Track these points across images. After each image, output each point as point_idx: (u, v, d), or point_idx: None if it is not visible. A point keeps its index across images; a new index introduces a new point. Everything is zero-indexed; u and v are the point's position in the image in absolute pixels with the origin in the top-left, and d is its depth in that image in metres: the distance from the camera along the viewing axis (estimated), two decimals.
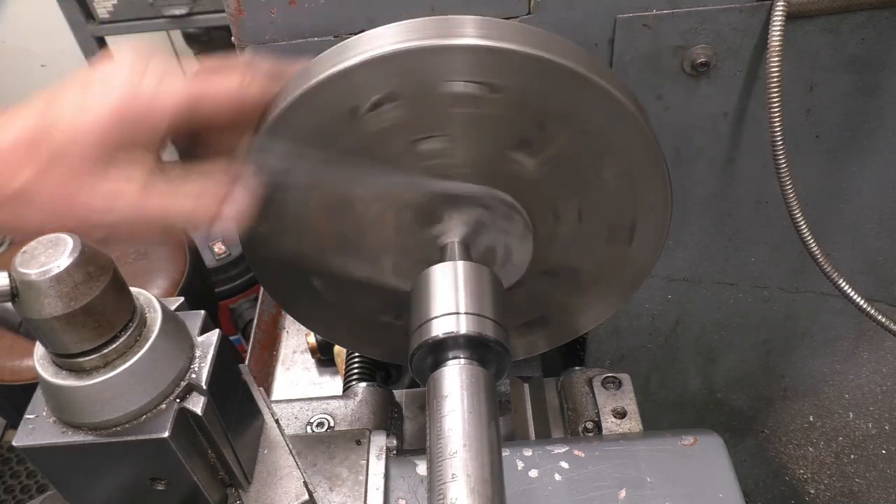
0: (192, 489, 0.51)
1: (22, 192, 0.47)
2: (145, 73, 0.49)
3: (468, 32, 0.52)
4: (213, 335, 0.53)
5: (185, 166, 0.53)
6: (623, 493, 0.61)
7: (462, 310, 0.54)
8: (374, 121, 0.55)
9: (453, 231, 0.60)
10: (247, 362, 0.97)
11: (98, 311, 0.48)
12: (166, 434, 0.47)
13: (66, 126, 0.48)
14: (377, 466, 0.62)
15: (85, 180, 0.48)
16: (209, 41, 2.22)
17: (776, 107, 0.67)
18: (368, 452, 0.64)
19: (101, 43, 2.10)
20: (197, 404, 0.48)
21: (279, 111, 0.54)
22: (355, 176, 0.58)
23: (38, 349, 0.52)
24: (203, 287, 1.43)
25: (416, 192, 0.59)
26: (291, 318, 0.89)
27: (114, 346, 0.50)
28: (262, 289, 1.02)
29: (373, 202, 0.60)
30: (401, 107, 0.54)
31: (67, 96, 0.49)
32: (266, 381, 0.99)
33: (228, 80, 0.52)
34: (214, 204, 0.51)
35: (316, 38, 0.66)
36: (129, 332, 0.51)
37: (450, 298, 0.54)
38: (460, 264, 0.57)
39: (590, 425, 0.72)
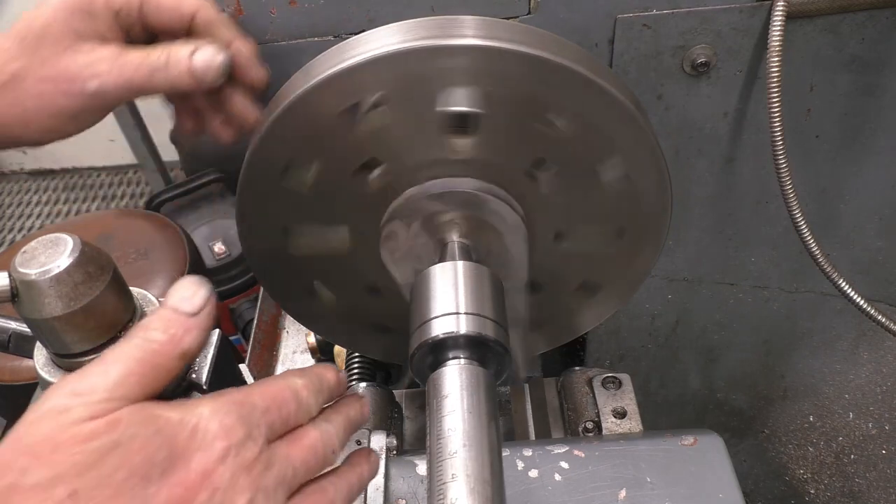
0: None
1: (17, 74, 0.56)
2: None
3: (468, 32, 0.52)
4: (213, 335, 0.53)
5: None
6: (623, 493, 0.61)
7: (462, 310, 0.54)
8: (375, 119, 0.55)
9: (453, 231, 0.60)
10: (247, 362, 0.97)
11: (98, 311, 0.48)
12: None
13: (38, 16, 0.57)
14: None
15: (64, 55, 0.56)
16: None
17: (776, 107, 0.67)
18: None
19: None
20: None
21: (280, 110, 0.54)
22: (354, 174, 0.58)
23: (39, 350, 0.52)
24: None
25: (417, 192, 0.59)
26: (291, 318, 0.89)
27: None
28: (262, 289, 1.02)
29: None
30: (400, 106, 0.54)
31: (38, 3, 0.58)
32: None
33: None
34: (186, 51, 0.56)
35: (316, 38, 0.66)
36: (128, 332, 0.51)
37: (450, 298, 0.54)
38: (460, 264, 0.57)
39: (590, 425, 0.72)
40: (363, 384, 0.77)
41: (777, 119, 0.68)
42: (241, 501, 0.41)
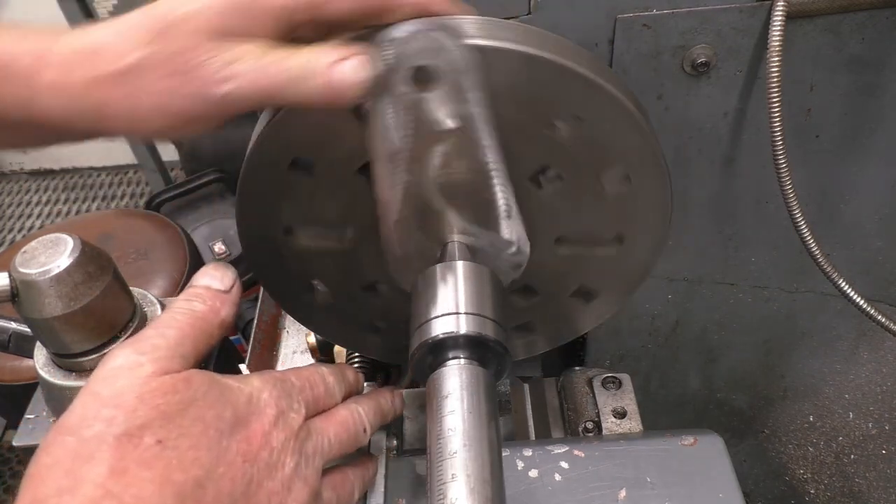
0: None
1: (140, 64, 0.46)
2: None
3: (468, 32, 0.52)
4: None
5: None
6: (623, 493, 0.61)
7: (462, 310, 0.54)
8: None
9: (453, 231, 0.60)
10: (247, 362, 0.97)
11: (98, 311, 0.48)
12: None
13: (181, 4, 0.47)
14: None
15: (199, 50, 0.46)
16: None
17: (776, 107, 0.67)
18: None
19: None
20: None
21: (272, 123, 0.54)
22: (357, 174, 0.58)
23: (39, 350, 0.52)
24: None
25: (417, 191, 0.59)
26: (291, 318, 0.89)
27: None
28: (262, 289, 1.02)
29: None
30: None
31: None
32: None
33: None
34: (325, 65, 0.47)
35: None
36: (129, 332, 0.51)
37: (450, 298, 0.54)
38: (460, 264, 0.57)
39: (590, 425, 0.72)
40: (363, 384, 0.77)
41: (777, 119, 0.68)
42: (291, 463, 0.45)
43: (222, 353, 0.54)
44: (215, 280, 0.49)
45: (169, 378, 0.41)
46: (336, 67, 0.47)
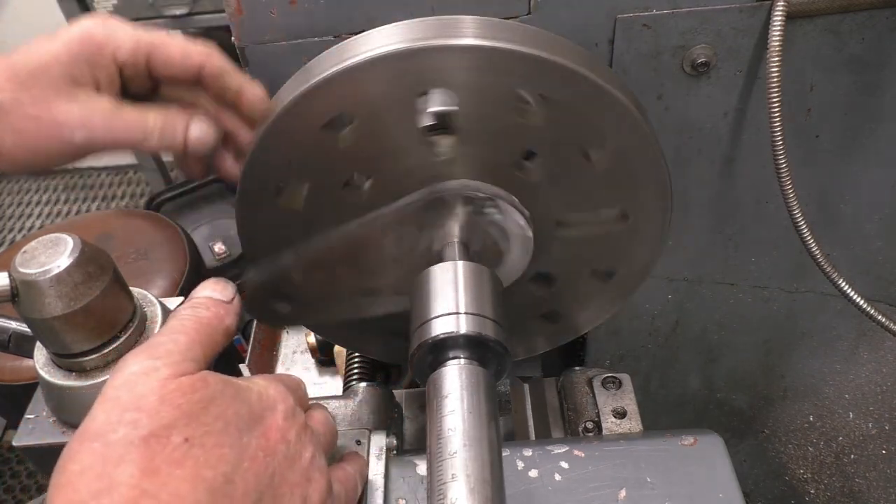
0: None
1: (1, 106, 0.53)
2: (106, 22, 0.57)
3: (468, 32, 0.52)
4: None
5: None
6: (623, 493, 0.61)
7: (462, 310, 0.54)
8: (353, 131, 0.55)
9: (453, 231, 0.60)
10: (247, 362, 0.97)
11: (98, 311, 0.48)
12: None
13: (37, 52, 0.55)
14: (377, 466, 0.62)
15: (58, 99, 0.54)
16: (209, 41, 2.22)
17: (776, 107, 0.67)
18: (368, 452, 0.63)
19: None
20: None
21: (281, 109, 0.54)
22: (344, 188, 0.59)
23: (39, 350, 0.52)
24: None
25: (417, 191, 0.59)
26: None
27: (114, 345, 0.50)
28: None
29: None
30: (376, 116, 0.54)
31: (39, 39, 0.56)
32: None
33: (178, 43, 0.58)
34: (182, 123, 0.57)
35: (316, 38, 0.66)
36: (129, 332, 0.51)
37: (450, 298, 0.54)
38: (460, 264, 0.57)
39: (590, 425, 0.72)
40: (363, 384, 0.77)
41: (777, 119, 0.68)
42: (308, 454, 0.47)
43: (222, 354, 0.54)
44: (216, 292, 0.50)
45: (186, 379, 0.42)
46: (191, 129, 0.57)
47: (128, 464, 0.38)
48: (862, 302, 0.79)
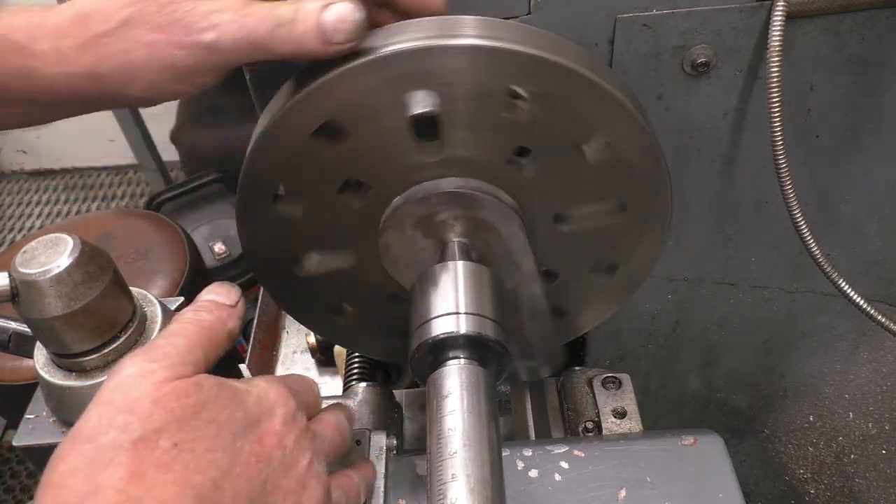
0: None
1: (129, 20, 0.49)
2: None
3: (468, 32, 0.52)
4: None
5: None
6: (623, 493, 0.61)
7: (462, 310, 0.54)
8: (345, 136, 0.55)
9: (451, 231, 0.60)
10: (247, 362, 0.97)
11: (98, 311, 0.48)
12: None
13: None
14: (377, 466, 0.62)
15: (183, 3, 0.49)
16: None
17: (776, 107, 0.67)
18: (368, 452, 0.64)
19: None
20: None
21: (273, 119, 0.54)
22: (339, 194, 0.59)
23: (39, 350, 0.52)
24: (203, 287, 1.42)
25: (403, 200, 0.59)
26: (291, 318, 0.89)
27: (114, 345, 0.50)
28: (262, 289, 1.02)
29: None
30: (364, 120, 0.54)
31: None
32: None
33: None
34: (314, 11, 0.49)
35: None
36: (129, 332, 0.51)
37: (450, 298, 0.54)
38: (460, 264, 0.57)
39: (590, 425, 0.72)
40: (363, 384, 0.77)
41: (777, 119, 0.68)
42: (304, 461, 0.46)
43: (223, 355, 0.54)
44: (220, 296, 0.50)
45: (181, 382, 0.42)
46: (326, 10, 0.48)
47: (116, 467, 0.38)
48: (862, 302, 0.79)
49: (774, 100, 0.67)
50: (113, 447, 0.39)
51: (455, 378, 0.52)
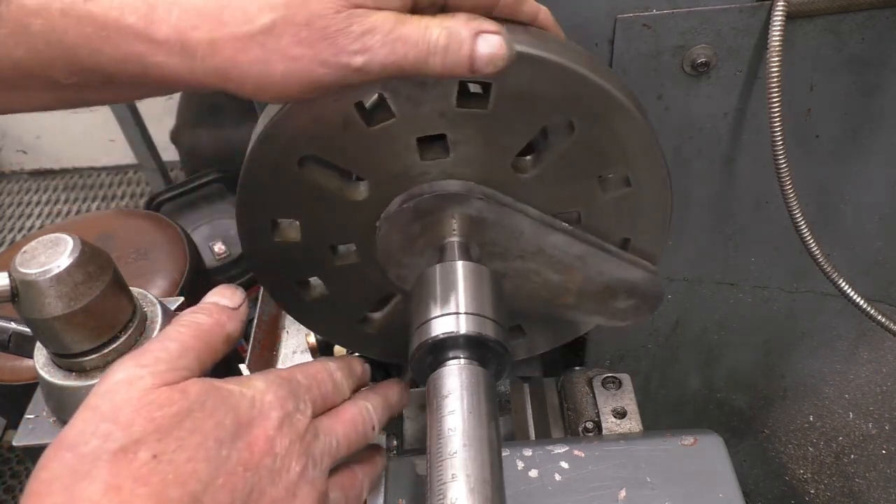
0: None
1: (273, 27, 0.44)
2: None
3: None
4: None
5: None
6: (623, 493, 0.61)
7: (462, 310, 0.54)
8: (349, 135, 0.55)
9: (453, 231, 0.60)
10: (247, 362, 0.97)
11: (98, 311, 0.48)
12: None
13: None
14: None
15: (335, 18, 0.45)
16: None
17: (776, 107, 0.67)
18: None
19: None
20: None
21: (273, 119, 0.54)
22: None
23: (39, 350, 0.52)
24: (203, 287, 1.42)
25: (403, 198, 0.59)
26: (291, 318, 0.89)
27: (114, 345, 0.50)
28: (261, 289, 1.02)
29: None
30: (401, 106, 0.54)
31: None
32: None
33: None
34: (469, 34, 0.47)
35: None
36: (129, 332, 0.51)
37: (450, 298, 0.54)
38: (460, 264, 0.57)
39: (590, 425, 0.72)
40: None
41: (777, 119, 0.68)
42: (297, 468, 0.44)
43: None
44: (224, 298, 0.49)
45: (167, 390, 0.41)
46: (480, 39, 0.46)
47: (93, 479, 0.37)
48: (862, 302, 0.79)
49: (774, 100, 0.67)
50: (93, 457, 0.38)
51: (455, 378, 0.51)
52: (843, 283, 0.78)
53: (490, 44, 0.47)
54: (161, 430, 0.40)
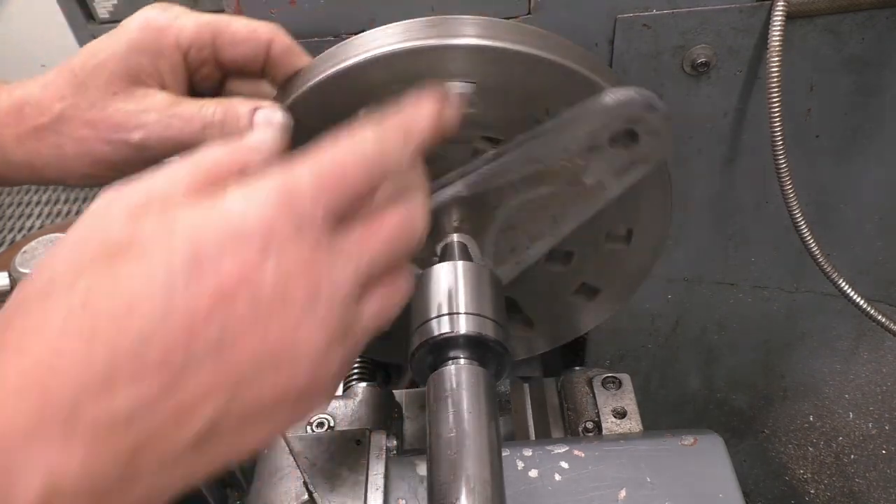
0: (191, 489, 0.51)
1: (62, 115, 0.51)
2: (166, 7, 0.54)
3: (468, 32, 0.52)
4: None
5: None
6: (623, 493, 0.61)
7: (462, 310, 0.54)
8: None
9: (453, 231, 0.60)
10: None
11: None
12: None
13: (97, 51, 0.52)
14: (377, 466, 0.62)
15: (114, 99, 0.51)
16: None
17: (776, 107, 0.67)
18: (368, 452, 0.63)
19: None
20: None
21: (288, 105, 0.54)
22: None
23: None
24: None
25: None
26: None
27: None
28: None
29: None
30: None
31: (101, 37, 0.54)
32: None
33: (243, 21, 0.55)
34: (246, 109, 0.51)
35: (316, 38, 0.66)
36: None
37: (450, 298, 0.54)
38: (460, 264, 0.57)
39: (590, 425, 0.72)
40: (363, 384, 0.77)
41: (777, 119, 0.68)
42: (299, 294, 0.34)
43: None
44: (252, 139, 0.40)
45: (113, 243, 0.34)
46: (258, 115, 0.52)
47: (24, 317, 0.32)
48: (862, 302, 0.79)
49: (774, 100, 0.67)
50: (27, 299, 0.33)
51: (455, 378, 0.51)
52: (843, 283, 0.78)
53: (267, 116, 0.51)
54: (94, 261, 0.33)
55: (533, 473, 0.63)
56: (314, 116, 0.54)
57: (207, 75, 0.55)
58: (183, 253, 0.32)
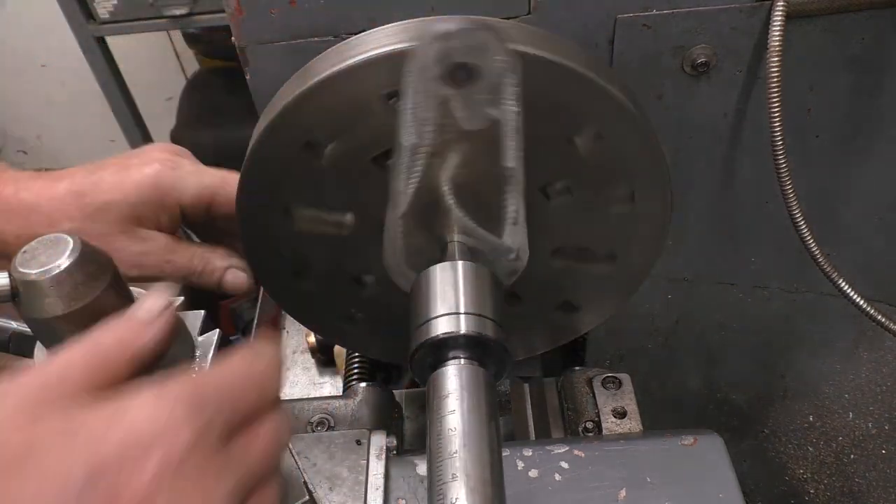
0: None
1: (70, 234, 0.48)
2: (175, 164, 0.62)
3: (512, 37, 0.52)
4: (213, 335, 0.53)
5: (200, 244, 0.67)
6: (623, 493, 0.61)
7: (462, 310, 0.54)
8: (375, 119, 0.55)
9: (454, 230, 0.60)
10: None
11: (98, 311, 0.48)
12: None
13: (108, 188, 0.59)
14: (377, 466, 0.62)
15: (120, 236, 0.59)
16: (209, 41, 2.21)
17: (776, 107, 0.67)
18: (368, 452, 0.64)
19: (102, 43, 2.09)
20: None
21: (282, 108, 0.54)
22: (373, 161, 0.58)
23: (39, 350, 0.52)
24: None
25: (430, 187, 0.59)
26: (291, 318, 0.89)
27: None
28: (261, 289, 1.02)
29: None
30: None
31: (108, 168, 0.60)
32: None
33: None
34: (221, 268, 0.65)
35: (316, 39, 0.66)
36: None
37: (450, 298, 0.55)
38: (460, 264, 0.57)
39: (590, 425, 0.72)
40: (363, 384, 0.77)
41: (777, 119, 0.68)
42: None
43: (222, 354, 0.54)
44: (141, 311, 0.42)
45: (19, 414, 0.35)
46: (227, 274, 0.65)
47: None
48: (862, 302, 0.79)
49: (774, 100, 0.67)
50: None
51: (455, 378, 0.52)
52: (843, 283, 0.78)
53: (235, 276, 0.65)
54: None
55: (533, 473, 0.63)
56: (314, 116, 0.54)
57: (199, 216, 0.64)
58: (82, 466, 0.32)
